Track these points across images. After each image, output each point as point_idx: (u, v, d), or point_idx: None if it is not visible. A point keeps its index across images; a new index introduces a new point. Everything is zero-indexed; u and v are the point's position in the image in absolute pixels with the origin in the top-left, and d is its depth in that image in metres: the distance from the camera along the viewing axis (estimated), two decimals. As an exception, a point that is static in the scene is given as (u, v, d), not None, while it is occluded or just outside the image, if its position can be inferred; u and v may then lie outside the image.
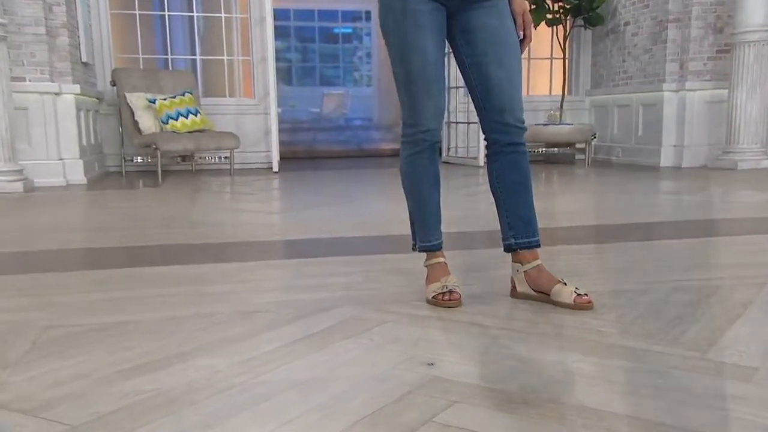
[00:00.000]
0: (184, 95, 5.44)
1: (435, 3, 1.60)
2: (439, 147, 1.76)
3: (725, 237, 2.58)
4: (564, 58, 6.27)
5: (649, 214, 3.26)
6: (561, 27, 6.20)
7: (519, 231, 1.68)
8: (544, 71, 7.06)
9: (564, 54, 6.26)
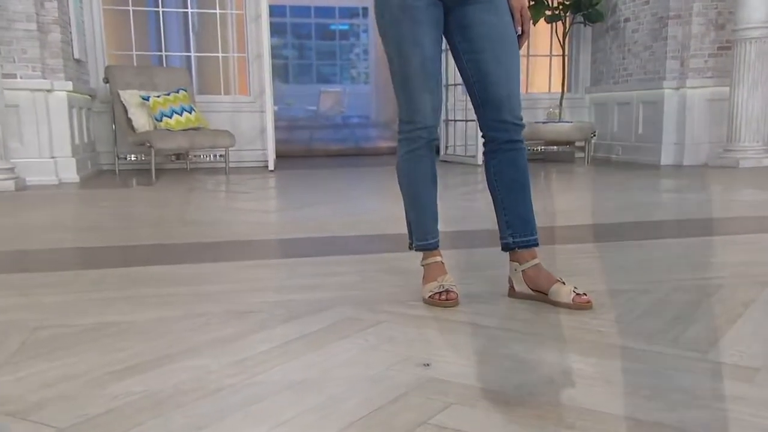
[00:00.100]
0: (178, 92, 5.40)
1: (432, -2, 1.58)
2: (437, 145, 1.74)
3: (726, 236, 2.57)
4: (563, 55, 6.24)
5: (650, 212, 3.25)
6: (560, 23, 6.17)
7: (517, 230, 1.67)
8: (543, 68, 7.05)
9: (563, 51, 6.24)
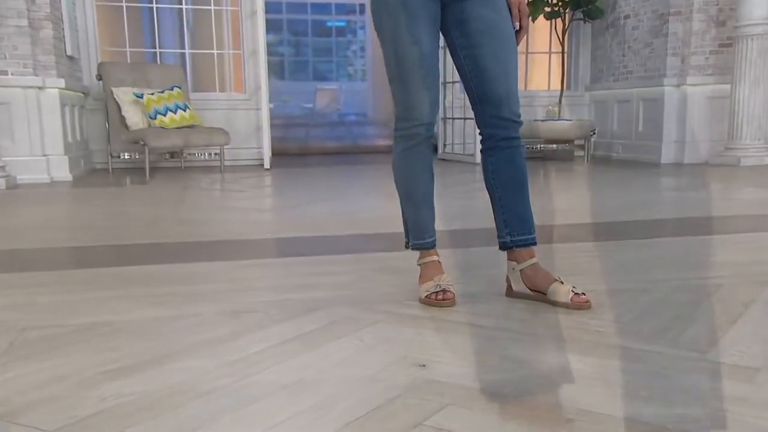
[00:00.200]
0: (172, 90, 5.37)
1: (429, -7, 1.56)
2: (435, 144, 1.72)
3: (727, 235, 2.56)
4: (563, 52, 6.21)
5: (650, 211, 3.25)
6: (560, 20, 6.13)
7: (515, 228, 1.65)
8: (542, 66, 7.02)
9: (563, 48, 6.20)
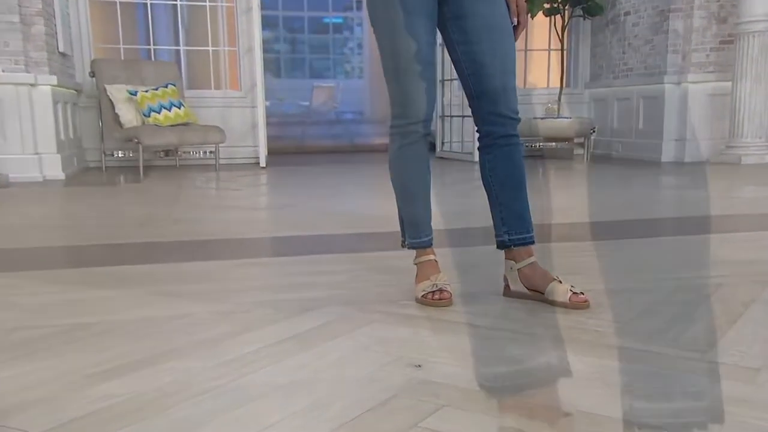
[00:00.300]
0: (166, 87, 5.34)
1: (425, -12, 1.54)
2: (433, 142, 1.70)
3: (727, 234, 2.55)
4: (562, 49, 6.20)
5: (650, 210, 3.25)
6: (559, 17, 6.12)
7: (513, 227, 1.64)
8: (541, 63, 7.01)
9: (562, 45, 6.19)
